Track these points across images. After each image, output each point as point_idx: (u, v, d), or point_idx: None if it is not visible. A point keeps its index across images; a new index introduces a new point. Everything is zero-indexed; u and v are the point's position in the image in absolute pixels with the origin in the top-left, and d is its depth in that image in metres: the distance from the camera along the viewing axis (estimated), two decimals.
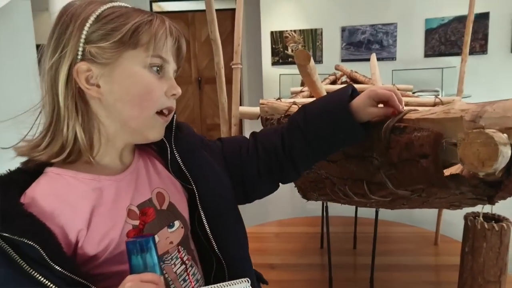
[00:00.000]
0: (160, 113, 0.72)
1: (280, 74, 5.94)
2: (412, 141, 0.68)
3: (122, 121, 0.70)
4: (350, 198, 1.18)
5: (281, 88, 5.94)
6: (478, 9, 2.37)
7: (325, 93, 1.53)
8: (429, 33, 5.53)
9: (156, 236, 0.72)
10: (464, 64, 2.35)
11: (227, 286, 0.64)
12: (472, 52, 4.96)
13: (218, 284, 0.65)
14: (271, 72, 6.06)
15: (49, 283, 0.57)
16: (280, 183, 0.92)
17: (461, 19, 5.33)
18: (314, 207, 2.90)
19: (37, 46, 0.74)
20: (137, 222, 0.70)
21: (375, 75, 2.56)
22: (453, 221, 2.71)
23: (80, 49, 0.65)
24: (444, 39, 5.46)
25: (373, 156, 0.85)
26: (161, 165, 0.82)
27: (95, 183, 0.69)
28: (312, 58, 1.07)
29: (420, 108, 0.77)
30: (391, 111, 0.78)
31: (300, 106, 1.52)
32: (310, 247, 2.67)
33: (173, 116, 0.78)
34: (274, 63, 6.08)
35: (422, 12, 5.50)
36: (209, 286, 0.65)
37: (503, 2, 4.88)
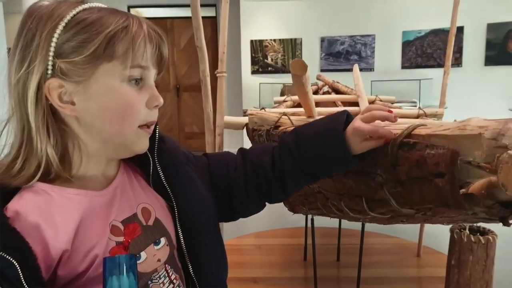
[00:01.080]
0: (142, 125, 0.68)
1: (260, 83, 5.92)
2: (424, 159, 0.64)
3: (103, 139, 0.65)
4: (344, 214, 1.14)
5: (261, 97, 5.92)
6: None
7: (314, 105, 1.50)
8: (406, 45, 5.63)
9: (143, 253, 0.68)
10: (446, 77, 2.38)
11: None
12: None
13: None
14: (250, 81, 6.04)
15: None
16: (266, 203, 0.90)
17: (437, 32, 5.46)
18: (295, 218, 2.85)
19: (9, 50, 0.66)
20: (121, 239, 0.65)
21: (359, 86, 2.56)
22: (435, 232, 2.72)
23: (50, 63, 0.59)
24: (421, 51, 5.57)
25: (376, 172, 0.81)
26: (144, 182, 0.77)
27: (80, 198, 0.63)
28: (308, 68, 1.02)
29: (427, 122, 0.74)
30: (383, 142, 0.76)
31: (288, 115, 1.49)
32: (293, 260, 2.62)
33: (156, 127, 0.74)
34: (253, 72, 6.06)
35: (399, 25, 5.60)
36: None
37: (477, 16, 5.02)
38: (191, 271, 0.76)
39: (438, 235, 2.69)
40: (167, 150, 0.77)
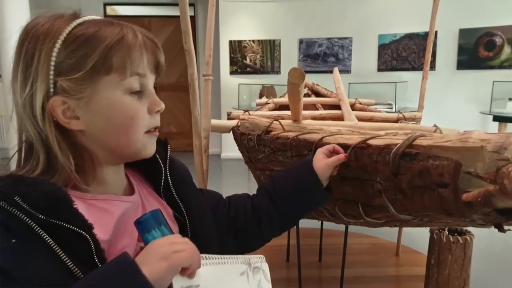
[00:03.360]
0: (148, 131, 0.69)
1: (239, 84, 5.92)
2: (428, 169, 0.67)
3: (111, 149, 0.67)
4: (337, 218, 1.17)
5: (239, 98, 5.92)
6: (427, 27, 2.50)
7: (302, 110, 1.53)
8: (382, 48, 5.76)
9: None
10: (425, 82, 2.45)
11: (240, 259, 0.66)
12: (421, 68, 5.22)
13: (232, 256, 0.65)
14: (229, 81, 6.04)
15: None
16: (240, 250, 0.92)
17: (412, 36, 5.61)
18: None
19: None
20: (142, 244, 0.66)
21: (340, 90, 2.61)
22: (413, 232, 2.80)
23: (51, 82, 0.60)
24: (396, 54, 5.71)
25: (376, 180, 0.83)
26: (149, 189, 0.79)
27: (117, 203, 0.67)
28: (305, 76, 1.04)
29: (425, 132, 0.77)
30: (343, 156, 0.89)
31: (279, 120, 1.50)
32: (276, 261, 2.65)
33: (167, 145, 0.78)
34: (232, 72, 6.06)
35: (376, 28, 5.73)
36: (222, 256, 0.64)
37: (450, 21, 5.18)
38: None
39: (416, 235, 2.77)
40: (178, 167, 0.81)
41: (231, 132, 1.88)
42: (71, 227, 0.54)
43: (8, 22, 3.59)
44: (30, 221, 0.53)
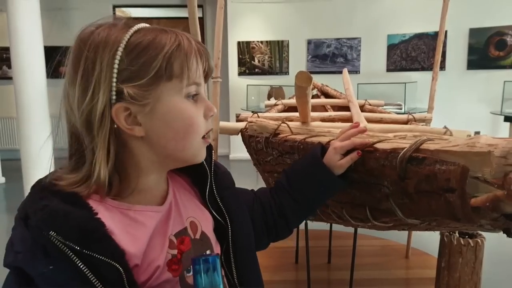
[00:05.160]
0: (203, 137, 0.71)
1: (247, 85, 5.93)
2: (435, 174, 0.67)
3: (166, 154, 0.68)
4: (345, 221, 1.17)
5: (248, 99, 5.93)
6: (436, 27, 2.48)
7: (310, 112, 1.52)
8: (391, 48, 5.73)
9: None
10: (434, 83, 2.43)
11: None
12: (431, 68, 5.18)
13: None
14: (237, 82, 6.05)
15: None
16: (270, 242, 0.97)
17: (421, 36, 5.57)
18: None
19: (44, 48, 0.67)
20: (174, 251, 0.69)
21: (349, 91, 2.59)
22: (422, 234, 2.78)
23: (114, 89, 0.61)
24: (405, 54, 5.67)
25: (383, 184, 0.83)
26: (191, 194, 0.81)
27: (152, 214, 0.68)
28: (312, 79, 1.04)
29: (433, 135, 0.76)
30: (356, 154, 0.89)
31: (287, 123, 1.50)
32: (284, 263, 2.65)
33: (212, 151, 0.80)
34: (240, 73, 6.08)
35: (385, 28, 5.70)
36: None
37: (459, 20, 5.14)
38: (237, 284, 0.80)
39: (426, 237, 2.75)
40: (221, 173, 0.83)
41: (239, 134, 1.88)
42: (102, 258, 0.56)
43: (19, 25, 3.63)
44: (65, 248, 0.55)
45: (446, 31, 5.43)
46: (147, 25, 0.67)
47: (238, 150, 5.81)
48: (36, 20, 3.70)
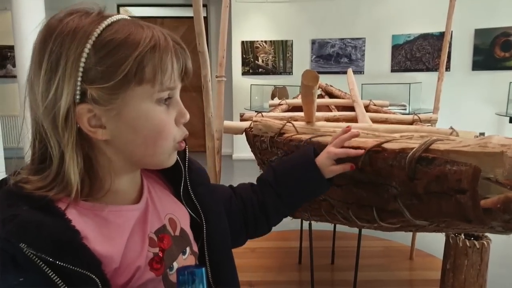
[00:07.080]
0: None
1: (251, 85, 5.92)
2: (445, 174, 0.66)
3: (134, 159, 0.65)
4: (351, 222, 1.16)
5: (251, 99, 5.93)
6: (441, 27, 2.46)
7: (315, 112, 1.51)
8: (396, 48, 5.70)
9: (175, 263, 0.69)
10: (440, 83, 2.42)
11: None
12: (435, 69, 5.15)
13: None
14: (241, 82, 6.04)
15: None
16: (248, 239, 0.96)
17: (426, 37, 5.54)
18: (287, 221, 2.87)
19: None
20: (156, 250, 0.66)
21: (354, 91, 2.58)
22: (425, 234, 2.75)
23: (78, 89, 0.56)
24: (410, 55, 5.64)
25: (391, 184, 0.82)
26: (166, 189, 0.78)
27: (129, 214, 0.65)
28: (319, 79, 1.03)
29: (441, 134, 0.75)
30: (349, 167, 0.90)
31: (292, 122, 1.49)
32: (288, 263, 2.64)
33: (186, 147, 0.74)
34: (244, 73, 6.07)
35: (389, 28, 5.67)
36: None
37: (465, 21, 5.10)
38: (210, 281, 0.78)
39: (430, 238, 2.73)
40: (195, 169, 0.80)
41: (243, 133, 1.87)
42: (78, 269, 0.53)
43: (24, 23, 3.63)
44: (37, 259, 0.52)
45: (451, 32, 5.41)
46: (125, 16, 0.61)
47: (241, 150, 5.80)
48: (40, 19, 3.70)
